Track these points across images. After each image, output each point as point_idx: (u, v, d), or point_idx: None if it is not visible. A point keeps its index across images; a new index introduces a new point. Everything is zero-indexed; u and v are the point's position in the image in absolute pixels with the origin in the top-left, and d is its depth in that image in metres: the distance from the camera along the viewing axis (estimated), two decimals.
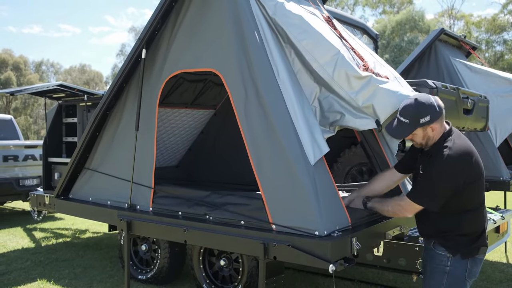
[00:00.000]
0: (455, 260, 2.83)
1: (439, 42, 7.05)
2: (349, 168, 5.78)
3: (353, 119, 3.42)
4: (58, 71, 58.47)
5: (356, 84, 3.37)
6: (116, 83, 4.40)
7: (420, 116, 2.83)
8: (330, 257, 2.92)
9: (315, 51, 3.46)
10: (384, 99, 3.32)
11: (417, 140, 2.96)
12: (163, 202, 4.09)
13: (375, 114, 3.34)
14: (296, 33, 3.51)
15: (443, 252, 2.86)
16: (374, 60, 3.74)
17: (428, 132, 2.88)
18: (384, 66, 3.82)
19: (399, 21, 38.02)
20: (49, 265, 6.28)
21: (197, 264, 4.82)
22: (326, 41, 3.43)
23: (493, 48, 39.96)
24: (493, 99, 6.20)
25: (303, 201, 3.13)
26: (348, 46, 3.57)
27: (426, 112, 2.82)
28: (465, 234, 2.84)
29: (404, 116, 2.90)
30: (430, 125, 2.84)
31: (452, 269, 2.83)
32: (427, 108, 2.83)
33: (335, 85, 3.42)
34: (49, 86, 7.00)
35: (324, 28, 3.61)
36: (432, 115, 2.82)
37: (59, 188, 5.01)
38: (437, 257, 2.89)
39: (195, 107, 5.76)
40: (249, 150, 3.41)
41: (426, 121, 2.82)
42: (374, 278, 5.54)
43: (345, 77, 3.38)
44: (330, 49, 3.42)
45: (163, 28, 4.15)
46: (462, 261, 2.83)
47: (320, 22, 3.72)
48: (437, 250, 2.90)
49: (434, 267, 2.91)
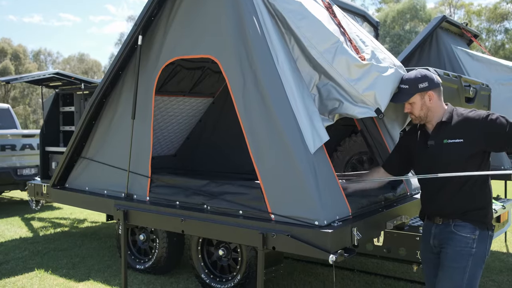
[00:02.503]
0: (479, 239, 2.83)
1: (441, 29, 6.95)
2: (349, 157, 5.71)
3: (352, 107, 3.34)
4: (56, 60, 58.27)
5: (356, 72, 3.29)
6: (112, 70, 4.32)
7: (419, 81, 2.99)
8: (330, 248, 2.87)
9: (314, 39, 3.38)
10: (385, 86, 3.25)
11: (415, 112, 3.02)
12: (160, 191, 4.03)
13: (376, 102, 3.27)
14: (295, 19, 3.43)
15: (469, 234, 2.82)
16: (375, 47, 3.66)
17: (426, 101, 2.98)
18: (384, 53, 3.75)
19: (400, 10, 37.79)
20: (47, 254, 6.24)
21: (195, 254, 4.78)
22: (326, 29, 3.36)
23: (494, 37, 39.77)
24: (495, 88, 6.13)
25: (303, 190, 3.07)
26: (346, 36, 3.50)
27: (425, 79, 2.99)
28: (483, 207, 2.87)
29: (404, 83, 3.10)
30: (428, 92, 2.97)
31: (477, 250, 2.82)
32: (426, 76, 3.00)
33: (334, 73, 3.34)
34: (46, 75, 6.91)
35: (323, 16, 3.53)
36: (430, 82, 2.97)
37: (55, 177, 4.95)
38: (463, 240, 2.83)
39: (193, 95, 5.68)
40: (248, 139, 3.34)
41: (424, 86, 2.97)
42: (374, 268, 5.50)
43: (345, 64, 3.30)
44: (330, 37, 3.35)
45: (160, 14, 4.06)
46: (484, 239, 2.84)
47: (320, 9, 3.64)
48: (461, 233, 2.85)
49: (459, 251, 2.83)
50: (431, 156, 2.97)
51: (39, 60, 56.27)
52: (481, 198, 2.89)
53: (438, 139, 2.94)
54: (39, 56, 56.97)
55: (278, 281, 5.04)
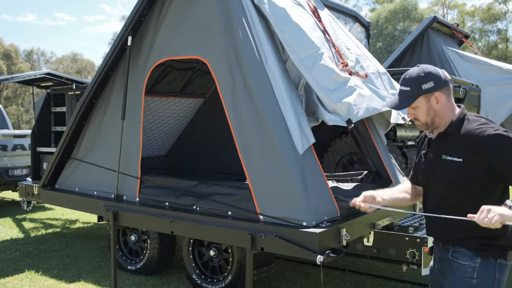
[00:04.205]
0: (482, 268, 2.36)
1: (432, 30, 7.00)
2: (339, 158, 5.73)
3: (325, 113, 3.42)
4: (49, 60, 58.01)
5: (333, 83, 3.38)
6: (102, 70, 4.32)
7: (422, 81, 2.41)
8: (318, 248, 2.88)
9: (295, 45, 3.45)
10: (361, 100, 3.36)
11: (420, 117, 2.48)
12: (150, 192, 4.03)
13: (348, 113, 3.32)
14: (279, 23, 3.51)
15: (468, 262, 2.38)
16: (360, 54, 3.72)
17: (432, 104, 2.42)
18: (369, 60, 3.80)
19: (393, 10, 37.93)
20: (38, 255, 6.21)
21: (186, 255, 4.77)
22: (308, 38, 3.45)
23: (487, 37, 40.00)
24: (485, 88, 6.18)
25: (291, 191, 3.08)
26: (330, 42, 3.55)
27: (429, 78, 2.41)
28: (497, 234, 2.30)
29: (405, 84, 2.49)
30: (434, 94, 2.41)
31: (480, 281, 2.37)
32: (431, 74, 2.42)
33: (311, 80, 3.41)
34: (37, 75, 6.89)
35: (308, 22, 3.58)
36: (436, 81, 2.40)
37: (44, 178, 4.93)
38: (461, 269, 2.39)
39: (184, 95, 5.68)
40: (236, 140, 3.35)
41: (429, 87, 2.40)
42: (364, 268, 5.52)
43: (323, 74, 3.39)
44: (311, 45, 3.44)
45: (149, 15, 4.06)
46: (490, 269, 2.37)
47: (305, 15, 3.69)
48: (460, 260, 2.40)
49: (458, 280, 2.41)
50: (427, 169, 2.53)
51: (32, 59, 55.98)
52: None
53: (438, 152, 2.46)
54: (32, 56, 56.68)
55: (269, 281, 5.04)
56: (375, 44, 34.04)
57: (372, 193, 2.55)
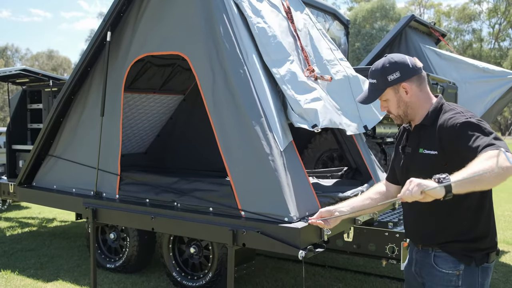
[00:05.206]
0: (466, 275, 2.23)
1: (410, 28, 7.08)
2: (319, 154, 5.77)
3: (294, 114, 3.43)
4: (24, 57, 56.93)
5: (302, 89, 3.45)
6: (80, 67, 4.26)
7: (388, 72, 2.28)
8: (299, 244, 2.89)
9: (268, 46, 3.50)
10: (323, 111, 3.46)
11: (392, 110, 2.37)
12: (129, 189, 3.99)
13: (315, 118, 3.38)
14: (255, 23, 3.54)
15: (451, 271, 2.24)
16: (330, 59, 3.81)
17: (402, 95, 2.30)
18: (339, 65, 3.90)
19: (370, 9, 38.29)
20: (14, 255, 6.10)
21: (166, 252, 4.74)
22: (280, 43, 3.55)
23: (462, 37, 40.69)
24: (461, 86, 6.28)
25: (272, 187, 3.08)
26: (300, 48, 3.63)
27: (395, 68, 2.27)
28: (480, 236, 2.22)
29: (372, 76, 2.37)
30: (402, 84, 2.28)
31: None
32: (396, 64, 2.28)
33: (281, 82, 3.45)
34: (12, 71, 6.75)
35: (282, 26, 3.70)
36: (402, 71, 2.27)
37: (21, 176, 4.84)
38: (445, 278, 2.25)
39: (164, 92, 5.63)
40: (217, 136, 3.34)
41: (395, 78, 2.27)
42: (344, 264, 5.57)
43: (292, 78, 3.45)
44: (283, 51, 3.55)
45: (129, 10, 4.02)
46: (474, 274, 2.23)
47: (279, 18, 3.75)
48: (443, 269, 2.25)
49: None
50: (405, 165, 2.39)
51: (6, 56, 54.85)
52: (470, 225, 2.21)
53: (415, 146, 2.33)
54: (6, 52, 55.54)
55: (250, 278, 5.05)
56: (354, 44, 34.30)
57: (329, 208, 2.45)
